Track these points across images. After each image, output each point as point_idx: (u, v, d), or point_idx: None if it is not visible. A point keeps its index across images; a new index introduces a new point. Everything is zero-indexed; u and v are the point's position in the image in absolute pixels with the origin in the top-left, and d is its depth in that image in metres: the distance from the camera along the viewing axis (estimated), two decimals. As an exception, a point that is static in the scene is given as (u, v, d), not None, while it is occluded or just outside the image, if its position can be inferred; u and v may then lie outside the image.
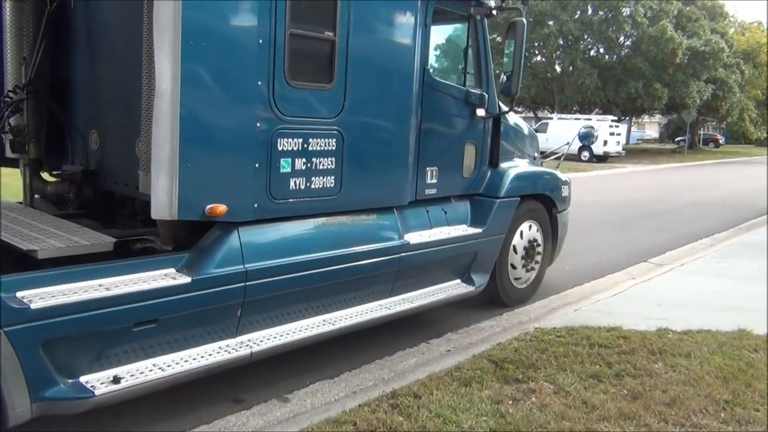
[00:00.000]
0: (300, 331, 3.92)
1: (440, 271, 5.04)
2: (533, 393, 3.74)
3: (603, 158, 32.67)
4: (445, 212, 5.15)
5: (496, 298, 5.78)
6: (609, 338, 4.62)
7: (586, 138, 6.70)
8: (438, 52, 5.01)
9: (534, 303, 6.13)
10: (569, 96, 36.24)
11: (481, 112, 5.20)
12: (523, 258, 5.85)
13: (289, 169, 3.71)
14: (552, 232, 6.27)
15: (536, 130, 28.93)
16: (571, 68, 36.30)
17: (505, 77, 5.12)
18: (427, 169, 4.83)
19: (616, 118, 34.62)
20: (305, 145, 3.78)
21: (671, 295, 6.11)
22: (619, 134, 33.26)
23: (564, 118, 34.53)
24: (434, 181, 4.91)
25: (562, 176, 6.43)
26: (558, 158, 6.77)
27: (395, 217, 4.54)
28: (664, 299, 5.96)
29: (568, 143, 6.57)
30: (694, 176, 25.21)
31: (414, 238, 4.66)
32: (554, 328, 5.01)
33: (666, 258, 8.45)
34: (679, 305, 5.76)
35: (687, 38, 34.66)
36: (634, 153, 41.14)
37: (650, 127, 75.72)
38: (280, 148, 3.64)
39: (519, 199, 5.60)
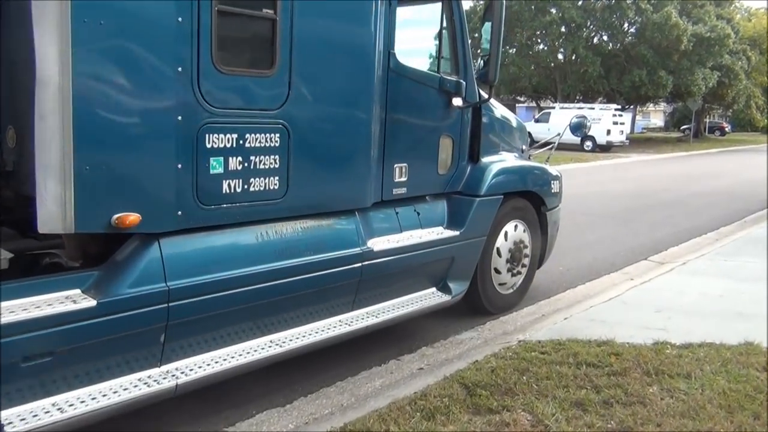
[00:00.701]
0: (240, 355, 3.41)
1: (412, 279, 4.53)
2: (507, 426, 3.23)
3: (606, 148, 32.07)
4: (418, 213, 4.63)
5: (479, 305, 5.27)
6: (599, 355, 4.10)
7: (579, 128, 6.14)
8: (407, 34, 4.47)
9: (521, 310, 5.62)
10: (572, 85, 35.55)
11: (457, 101, 4.67)
12: (507, 261, 5.32)
13: (221, 170, 3.19)
14: (541, 231, 5.75)
15: (537, 120, 28.59)
16: (573, 56, 35.60)
17: (482, 62, 4.58)
18: (396, 165, 4.31)
19: (619, 106, 33.93)
20: (241, 142, 3.26)
21: (671, 300, 5.57)
22: (622, 123, 32.60)
23: (566, 108, 33.85)
24: (404, 179, 4.39)
25: (552, 170, 5.90)
26: (549, 149, 6.20)
27: (356, 221, 4.02)
28: (664, 304, 5.43)
29: (558, 134, 6.03)
30: (700, 165, 24.60)
31: (379, 244, 4.15)
32: (539, 341, 4.49)
33: (668, 255, 7.92)
34: (680, 312, 5.23)
35: (692, 24, 33.90)
36: (638, 142, 40.50)
37: (655, 116, 74.92)
38: (208, 145, 3.12)
39: (502, 197, 5.07)
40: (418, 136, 4.50)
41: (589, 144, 32.26)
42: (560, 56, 37.18)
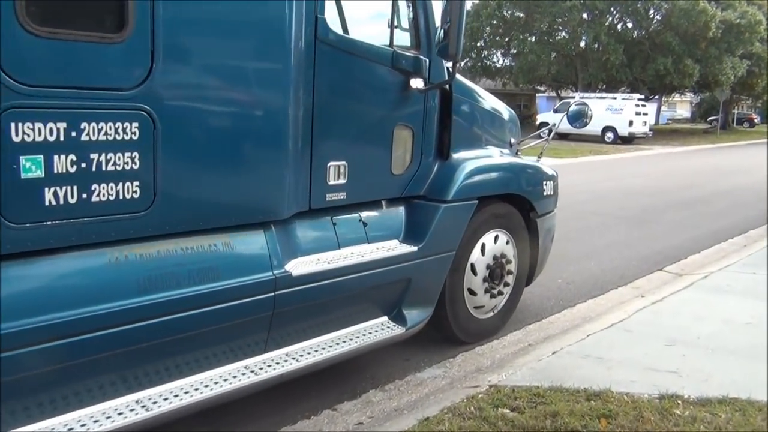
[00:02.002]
0: (86, 424, 2.51)
1: (352, 308, 3.59)
2: None
3: (628, 140, 30.81)
4: (365, 224, 3.68)
5: (449, 333, 4.32)
6: (585, 415, 3.12)
7: (578, 118, 5.14)
8: (347, -3, 3.54)
9: (504, 337, 4.65)
10: (593, 74, 34.19)
11: (417, 82, 3.70)
12: (485, 280, 4.36)
13: (39, 173, 2.27)
14: (530, 242, 4.77)
15: (556, 110, 27.51)
16: (595, 44, 34.17)
17: (442, 33, 3.60)
18: (330, 165, 3.37)
19: (643, 96, 32.49)
20: (75, 133, 2.33)
21: (687, 328, 4.56)
22: (645, 114, 31.30)
23: (587, 97, 32.47)
24: (342, 181, 3.44)
25: (545, 168, 4.91)
26: (543, 142, 5.21)
27: (267, 237, 3.08)
28: (678, 334, 4.43)
29: (554, 125, 5.03)
30: (727, 159, 23.27)
31: (303, 266, 3.21)
32: (514, 389, 3.52)
33: (687, 265, 6.88)
34: (698, 346, 4.23)
35: (721, 10, 32.34)
36: (662, 134, 39.03)
37: (681, 107, 72.86)
38: (17, 138, 2.20)
39: (476, 201, 4.10)
40: (362, 127, 3.55)
41: (610, 135, 31.04)
42: (582, 44, 35.74)
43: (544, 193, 4.75)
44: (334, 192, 3.42)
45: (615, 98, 31.41)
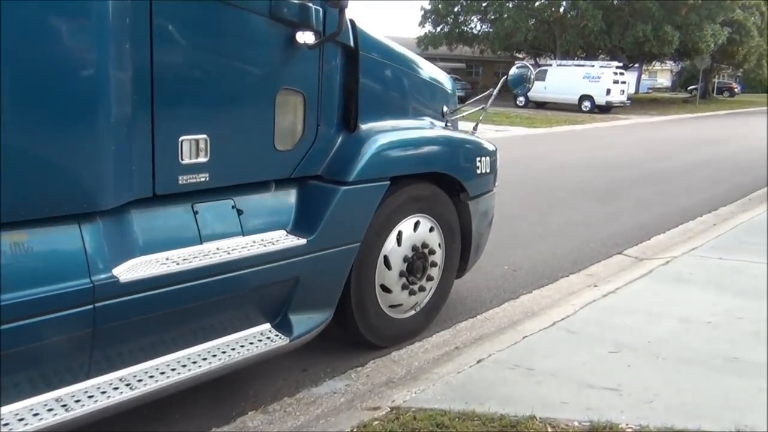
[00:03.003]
0: None
1: (219, 317, 2.91)
2: None
3: (606, 108, 30.29)
4: (240, 212, 2.98)
5: (357, 337, 3.67)
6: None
7: (518, 82, 4.42)
8: None
9: (429, 338, 4.02)
10: (571, 40, 33.39)
11: (306, 36, 2.96)
12: (402, 275, 3.69)
13: None
14: (461, 228, 4.11)
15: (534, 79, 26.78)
16: (574, 10, 33.30)
17: (326, -31, 2.86)
18: (183, 139, 2.64)
19: (621, 64, 31.79)
20: None
21: (638, 329, 3.95)
22: (624, 82, 30.71)
23: (564, 65, 32.00)
24: (202, 159, 2.72)
25: (481, 142, 4.22)
26: (479, 110, 4.51)
27: (81, 233, 2.36)
28: (626, 337, 3.82)
29: (491, 90, 4.32)
30: (705, 129, 22.79)
31: (137, 269, 2.51)
32: (416, 414, 2.88)
33: (649, 248, 6.29)
34: (647, 353, 3.62)
35: (702, -25, 31.57)
36: (641, 103, 38.59)
37: (662, 75, 72.50)
38: None
39: (388, 182, 3.41)
40: (228, 92, 2.81)
41: (587, 104, 30.51)
42: (561, 9, 34.84)
43: (478, 171, 4.06)
44: (191, 173, 2.71)
45: (593, 66, 30.73)
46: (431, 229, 3.85)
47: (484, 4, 37.64)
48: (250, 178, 3.01)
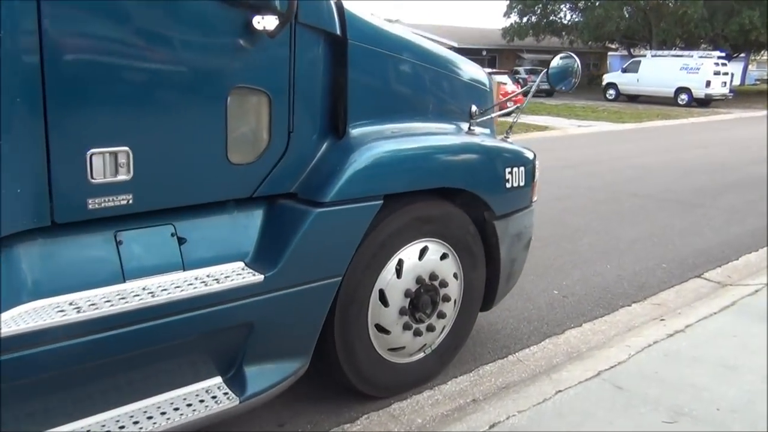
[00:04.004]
0: None
1: (142, 373, 2.35)
2: None
3: (705, 102, 28.14)
4: (181, 241, 2.41)
5: (349, 386, 3.05)
6: None
7: (562, 77, 3.56)
8: None
9: (444, 385, 3.35)
10: (667, 29, 31.15)
11: (266, 21, 2.35)
12: (404, 313, 3.03)
13: None
14: (487, 253, 3.40)
15: (624, 70, 25.28)
16: (671, -4, 31.12)
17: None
18: (93, 153, 2.10)
19: (723, 54, 29.36)
20: None
21: (707, 388, 3.12)
22: (725, 74, 28.33)
23: (659, 55, 29.98)
24: (123, 177, 2.17)
25: (514, 149, 3.48)
26: (514, 112, 3.74)
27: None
28: (689, 399, 3.01)
29: (529, 86, 3.54)
30: (817, 125, 20.51)
31: (22, 318, 1.99)
32: None
33: (736, 270, 5.31)
34: (713, 426, 2.79)
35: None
36: (747, 95, 35.74)
37: (773, 66, 67.19)
38: None
39: (380, 202, 2.76)
40: (157, 91, 2.24)
41: (684, 97, 28.45)
42: (657, -4, 32.66)
43: (508, 185, 3.33)
44: (107, 195, 2.16)
45: (691, 56, 28.56)
46: (444, 257, 3.17)
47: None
48: (194, 199, 2.43)
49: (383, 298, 2.95)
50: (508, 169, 3.33)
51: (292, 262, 2.52)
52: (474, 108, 3.58)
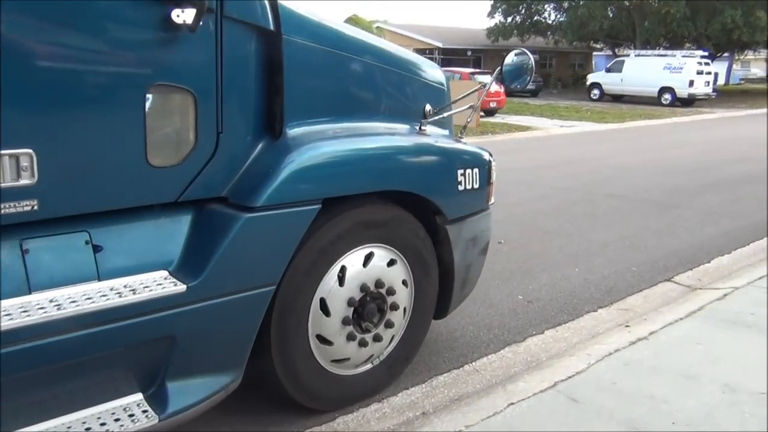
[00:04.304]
0: None
1: (55, 390, 2.19)
2: None
3: (689, 102, 28.21)
4: (96, 249, 2.25)
5: (289, 399, 2.89)
6: None
7: (516, 74, 3.40)
8: None
9: (392, 397, 3.20)
10: (651, 29, 31.21)
11: (186, 14, 2.19)
12: (347, 322, 2.88)
13: None
14: (440, 259, 3.26)
15: (608, 70, 25.24)
16: (654, -5, 31.20)
17: None
18: (-12, 154, 1.94)
19: (707, 53, 29.43)
20: None
21: (665, 400, 2.99)
22: (708, 73, 28.40)
23: (643, 55, 30.04)
24: (26, 181, 2.01)
25: (468, 150, 3.34)
26: (468, 110, 3.58)
27: None
28: (646, 412, 2.88)
29: (483, 86, 3.39)
30: (798, 125, 20.56)
31: None
32: None
33: (707, 273, 5.20)
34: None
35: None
36: (730, 95, 35.91)
37: (757, 65, 67.74)
38: None
39: (319, 206, 2.60)
40: (66, 89, 2.07)
41: (667, 97, 28.51)
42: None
43: (460, 188, 3.19)
44: (10, 200, 2.00)
45: (674, 56, 28.63)
46: (392, 263, 3.02)
47: (558, -8, 35.91)
48: (110, 205, 2.27)
49: (325, 308, 2.80)
50: (460, 171, 3.19)
51: (218, 271, 2.36)
52: (428, 108, 3.44)
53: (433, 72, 3.57)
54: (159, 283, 2.28)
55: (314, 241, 2.69)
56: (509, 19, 39.83)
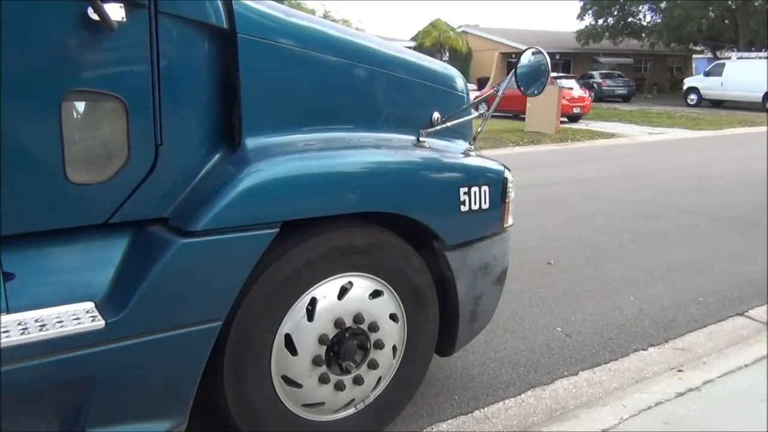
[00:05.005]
0: None
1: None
2: None
3: (800, 107, 25.92)
4: (6, 276, 1.98)
5: (251, 450, 2.54)
6: None
7: (532, 78, 2.89)
8: None
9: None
10: (755, 29, 29.00)
11: (112, 9, 1.90)
12: (318, 362, 2.49)
13: None
14: (442, 290, 2.82)
15: (707, 73, 23.70)
16: (760, -8, 29.00)
17: None
18: None
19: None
20: None
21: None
22: (824, 75, 26.06)
23: (745, 58, 27.93)
24: None
25: (475, 165, 2.89)
26: (480, 118, 3.10)
27: None
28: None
29: (495, 89, 2.92)
30: None
31: None
32: None
33: (789, 307, 4.45)
34: None
35: None
36: None
37: None
38: None
39: (275, 230, 2.24)
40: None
41: (773, 102, 26.28)
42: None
43: (463, 208, 2.75)
44: None
45: (782, 57, 26.46)
46: (376, 294, 2.61)
47: (654, -8, 34.15)
48: (22, 227, 2.00)
49: (290, 345, 2.44)
50: (463, 190, 2.75)
51: (144, 306, 2.04)
52: (436, 115, 3.03)
53: (443, 74, 3.14)
54: (76, 318, 1.99)
55: (275, 269, 2.34)
56: (600, 21, 38.25)
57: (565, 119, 21.12)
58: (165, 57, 2.08)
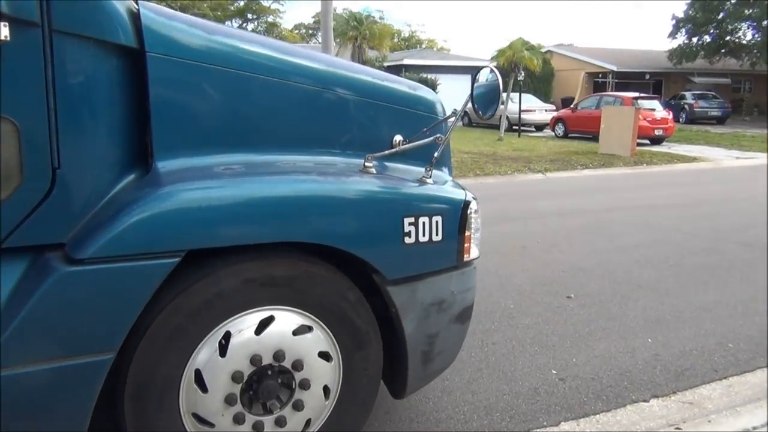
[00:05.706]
0: None
1: None
2: None
3: None
4: None
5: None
6: None
7: (490, 101, 2.59)
8: None
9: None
10: None
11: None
12: (233, 401, 2.34)
13: None
14: (389, 327, 2.62)
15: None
16: None
17: None
18: None
19: None
20: None
21: None
22: None
23: None
24: None
25: (422, 192, 2.67)
26: (433, 138, 2.86)
27: None
28: None
29: (454, 111, 2.66)
30: None
31: None
32: None
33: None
34: None
35: None
36: None
37: None
38: None
39: (176, 259, 2.11)
40: None
41: None
42: None
43: (408, 240, 2.53)
44: None
45: None
46: (304, 330, 2.44)
47: (754, 10, 32.18)
48: None
49: (200, 382, 2.30)
50: (408, 220, 2.53)
51: (23, 335, 1.96)
52: (397, 138, 2.84)
53: (411, 96, 2.95)
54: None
55: (182, 301, 2.21)
56: (695, 39, 36.47)
57: (647, 141, 20.16)
58: (62, 78, 2.00)
